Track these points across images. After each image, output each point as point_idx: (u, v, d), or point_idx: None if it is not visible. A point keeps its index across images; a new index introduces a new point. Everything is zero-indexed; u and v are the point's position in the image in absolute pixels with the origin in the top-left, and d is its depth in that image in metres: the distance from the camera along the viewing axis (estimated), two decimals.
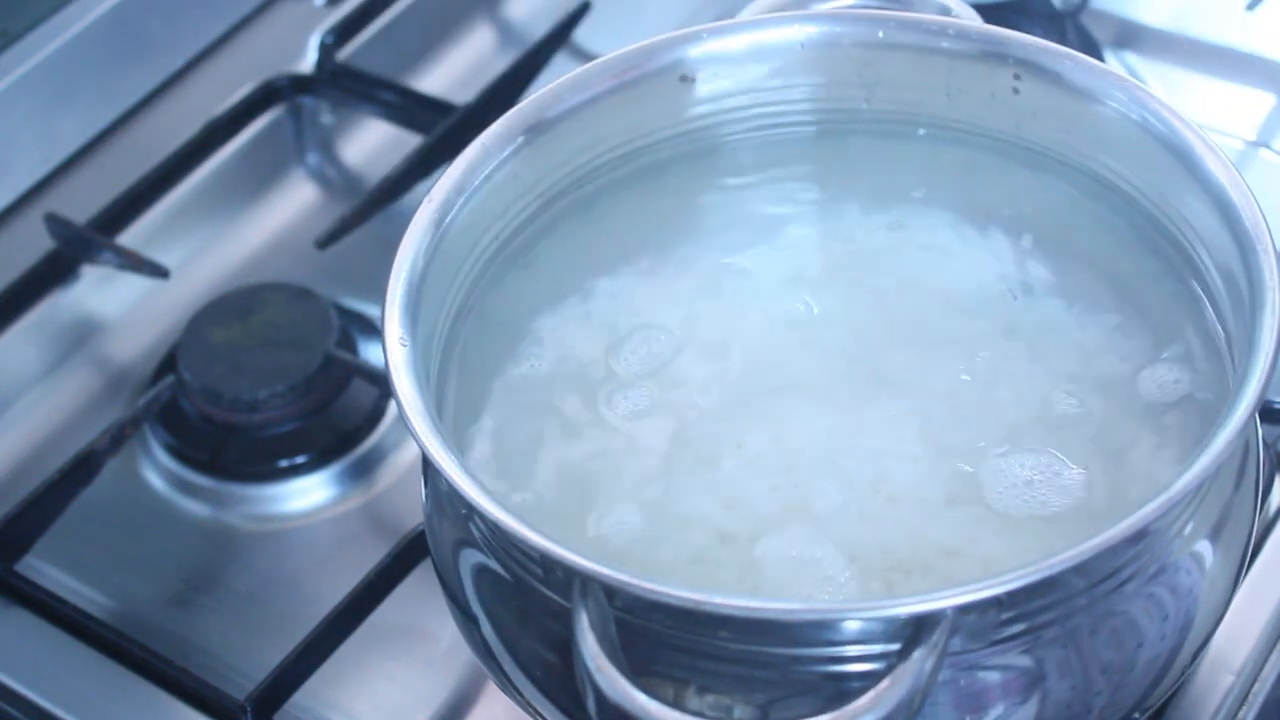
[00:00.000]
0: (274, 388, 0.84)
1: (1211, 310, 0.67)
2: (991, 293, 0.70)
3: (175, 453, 0.85)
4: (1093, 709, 0.60)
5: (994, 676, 0.59)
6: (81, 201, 0.94)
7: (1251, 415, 0.58)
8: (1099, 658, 0.59)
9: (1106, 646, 0.59)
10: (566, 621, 0.57)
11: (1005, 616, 0.58)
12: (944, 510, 0.63)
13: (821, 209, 0.74)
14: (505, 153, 0.70)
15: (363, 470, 0.84)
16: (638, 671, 0.56)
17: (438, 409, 0.64)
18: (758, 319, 0.70)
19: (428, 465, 0.67)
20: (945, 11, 0.73)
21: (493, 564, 0.62)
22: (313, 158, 1.00)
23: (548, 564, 0.59)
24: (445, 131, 0.94)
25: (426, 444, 0.60)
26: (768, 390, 0.68)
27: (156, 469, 0.85)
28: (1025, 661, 0.59)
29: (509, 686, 0.65)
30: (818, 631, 0.57)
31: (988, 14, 0.73)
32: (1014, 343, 0.69)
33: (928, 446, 0.65)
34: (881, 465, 0.65)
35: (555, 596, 0.60)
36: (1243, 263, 0.63)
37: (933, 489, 0.64)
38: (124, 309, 0.93)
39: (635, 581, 0.56)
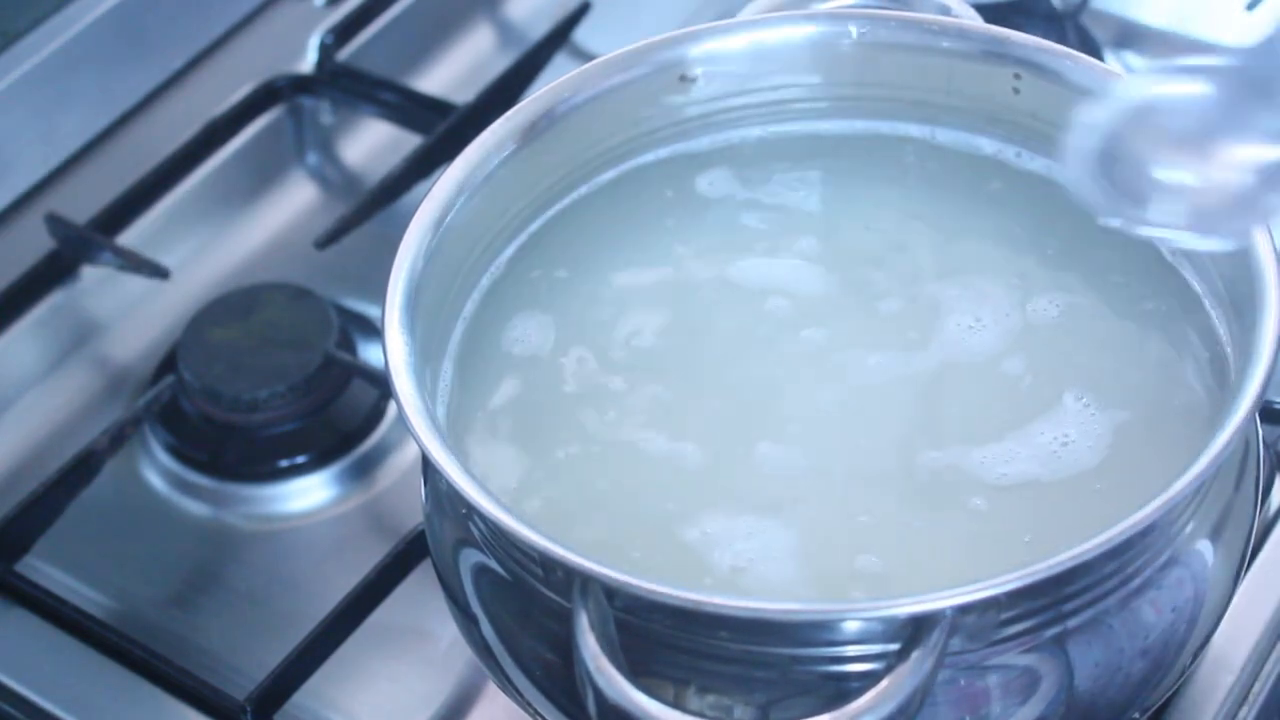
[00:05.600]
0: (274, 388, 0.84)
1: (1211, 310, 0.67)
2: (992, 290, 0.70)
3: (175, 453, 0.85)
4: (1092, 709, 0.60)
5: (993, 677, 0.59)
6: (81, 201, 0.94)
7: (1251, 415, 0.58)
8: (1098, 658, 0.60)
9: (1106, 647, 0.60)
10: (566, 621, 0.57)
11: (1005, 617, 0.58)
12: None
13: (822, 209, 0.74)
14: (505, 153, 0.70)
15: (363, 470, 0.84)
16: (638, 671, 0.56)
17: (436, 408, 0.64)
18: (756, 318, 0.70)
19: (428, 465, 0.67)
20: (945, 11, 0.73)
21: (493, 564, 0.63)
22: (313, 158, 1.00)
23: (548, 564, 0.59)
24: (445, 131, 0.94)
25: (426, 444, 0.60)
26: (762, 388, 0.68)
27: (156, 469, 0.85)
28: (1025, 661, 0.59)
29: (509, 686, 0.65)
30: (817, 631, 0.57)
31: (988, 14, 0.73)
32: (1012, 338, 0.69)
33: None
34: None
35: (555, 596, 0.60)
36: (1243, 263, 0.63)
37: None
38: (124, 309, 0.93)
39: (635, 581, 0.56)
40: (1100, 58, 0.77)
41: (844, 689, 0.57)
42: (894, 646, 0.56)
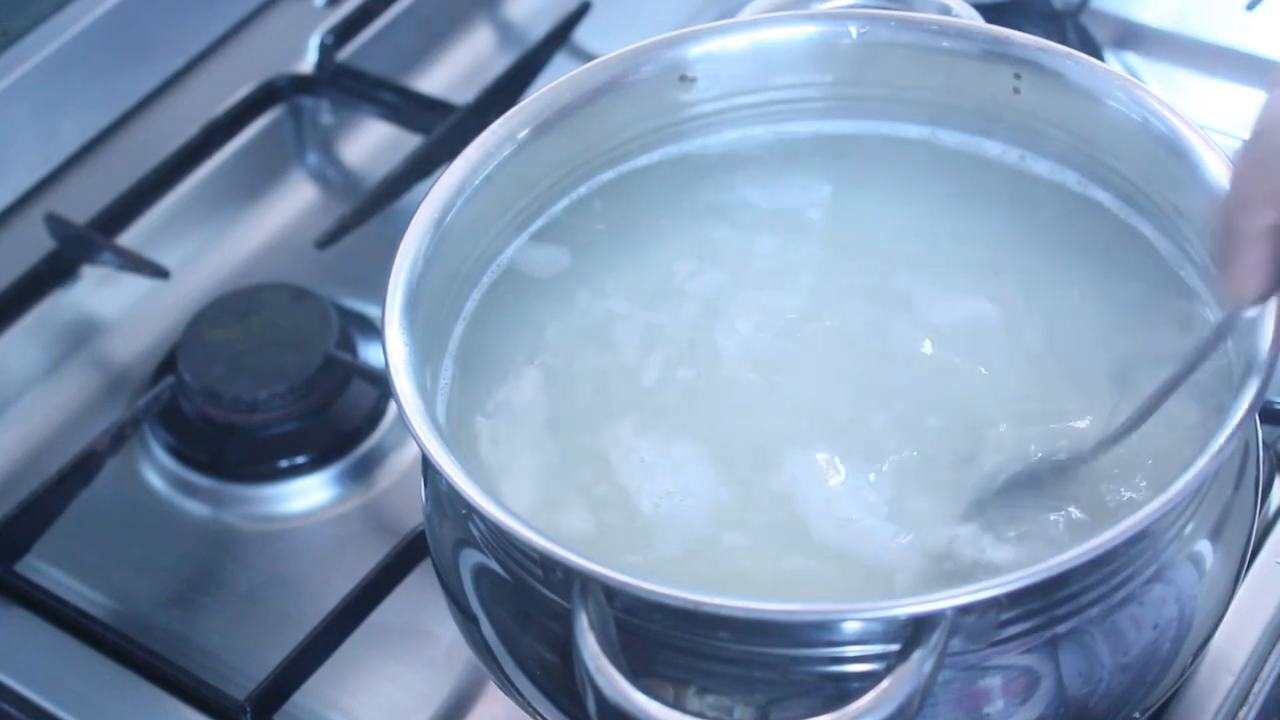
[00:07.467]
0: (274, 388, 0.84)
1: (1211, 312, 0.67)
2: (988, 290, 0.70)
3: (175, 453, 0.85)
4: (1092, 709, 0.60)
5: (994, 677, 0.59)
6: (81, 201, 0.94)
7: (1251, 415, 0.58)
8: (1099, 658, 0.60)
9: (1106, 647, 0.60)
10: (566, 621, 0.57)
11: (1005, 617, 0.58)
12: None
13: (822, 208, 0.74)
14: (505, 153, 0.70)
15: (363, 470, 0.84)
16: (638, 672, 0.56)
17: (436, 408, 0.64)
18: (754, 317, 0.70)
19: (428, 465, 0.67)
20: (945, 11, 0.73)
21: (493, 564, 0.63)
22: (313, 158, 1.00)
23: (548, 564, 0.60)
24: (445, 131, 0.95)
25: (426, 444, 0.60)
26: (760, 389, 0.68)
27: (156, 469, 0.85)
28: (1025, 662, 0.59)
29: (509, 686, 0.65)
30: (817, 632, 0.57)
31: (988, 14, 0.73)
32: (1010, 340, 0.69)
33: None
34: None
35: (555, 596, 0.60)
36: None
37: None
38: (124, 309, 0.93)
39: (635, 582, 0.56)
40: (1100, 58, 0.77)
41: (844, 689, 0.57)
42: (894, 647, 0.56)
